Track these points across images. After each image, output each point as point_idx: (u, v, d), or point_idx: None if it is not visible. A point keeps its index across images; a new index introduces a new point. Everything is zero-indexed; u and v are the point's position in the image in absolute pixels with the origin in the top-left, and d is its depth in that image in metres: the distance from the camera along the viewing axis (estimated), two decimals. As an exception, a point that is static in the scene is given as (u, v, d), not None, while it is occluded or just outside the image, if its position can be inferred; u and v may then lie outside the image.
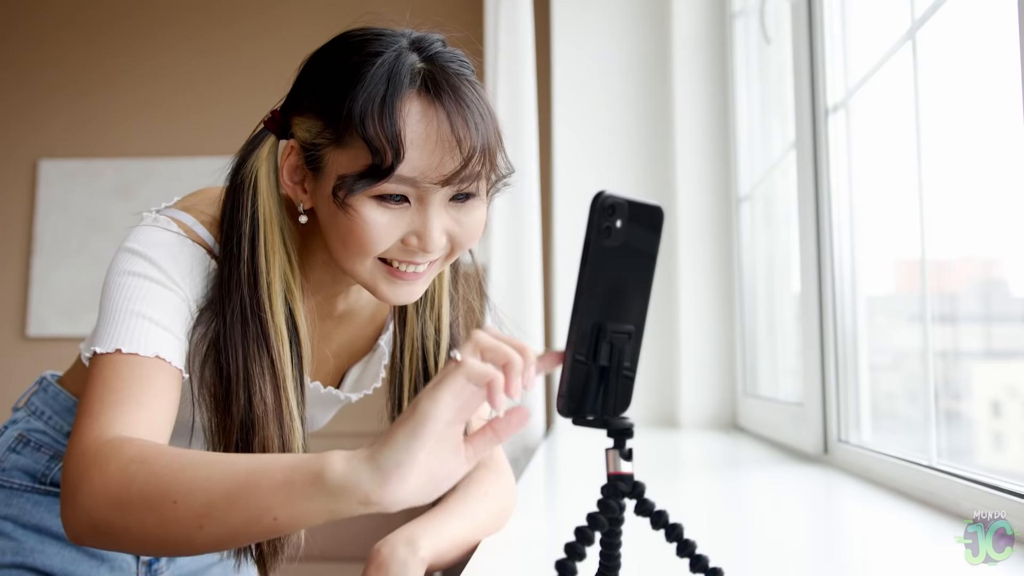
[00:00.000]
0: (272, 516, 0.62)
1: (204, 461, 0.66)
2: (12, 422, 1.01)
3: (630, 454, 0.60)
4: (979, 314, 1.51)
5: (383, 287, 0.84)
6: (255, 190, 0.85)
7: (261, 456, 0.66)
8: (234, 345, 0.82)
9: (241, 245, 0.83)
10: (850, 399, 1.55)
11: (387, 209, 0.79)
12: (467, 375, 0.58)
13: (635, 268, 0.59)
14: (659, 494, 0.63)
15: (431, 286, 0.95)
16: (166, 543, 0.67)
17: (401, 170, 0.77)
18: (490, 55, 2.45)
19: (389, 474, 0.58)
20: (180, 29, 3.72)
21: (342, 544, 2.35)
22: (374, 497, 0.59)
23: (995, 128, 1.28)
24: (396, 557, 0.77)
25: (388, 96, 0.77)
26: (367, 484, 0.59)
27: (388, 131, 0.76)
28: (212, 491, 0.63)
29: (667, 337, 2.50)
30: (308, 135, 0.82)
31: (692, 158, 2.46)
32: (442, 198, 0.81)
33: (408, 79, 0.78)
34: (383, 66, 0.78)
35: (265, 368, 0.82)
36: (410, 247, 0.81)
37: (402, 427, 0.59)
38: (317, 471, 0.60)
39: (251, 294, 0.83)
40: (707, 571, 0.59)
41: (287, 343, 0.84)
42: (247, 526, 0.63)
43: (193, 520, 0.64)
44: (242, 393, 0.81)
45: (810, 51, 1.67)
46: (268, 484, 0.62)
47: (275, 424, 0.82)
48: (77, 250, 3.60)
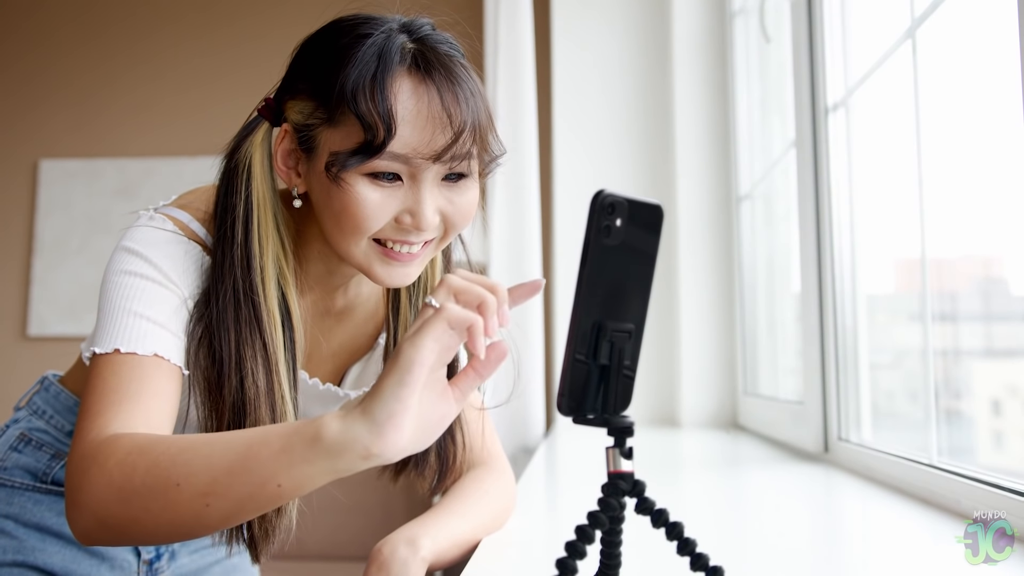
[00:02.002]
0: (276, 483, 0.62)
1: (202, 441, 0.67)
2: (14, 421, 1.01)
3: (630, 453, 0.60)
4: (979, 313, 1.51)
5: (377, 269, 0.84)
6: (249, 174, 0.85)
7: (256, 429, 0.67)
8: (227, 327, 0.82)
9: (235, 227, 0.84)
10: (850, 398, 1.55)
11: (380, 187, 0.80)
12: (447, 320, 0.60)
13: (635, 267, 0.59)
14: (659, 493, 0.63)
15: (425, 275, 0.95)
16: (175, 527, 0.67)
17: (393, 146, 0.78)
18: (490, 55, 2.45)
19: (384, 425, 0.59)
20: (181, 28, 3.72)
21: (342, 544, 2.36)
22: (375, 449, 0.60)
23: (995, 127, 1.28)
24: (397, 556, 0.77)
25: (379, 73, 0.78)
26: (365, 438, 0.59)
27: (380, 107, 0.77)
28: (213, 468, 0.64)
29: (667, 336, 2.50)
30: (301, 116, 0.83)
31: (692, 157, 2.46)
32: (434, 177, 0.81)
33: (398, 57, 0.79)
34: (373, 46, 0.79)
35: (257, 351, 0.83)
36: (403, 226, 0.81)
37: (388, 377, 0.60)
38: (313, 433, 0.61)
39: (244, 276, 0.83)
40: (707, 570, 0.59)
41: (279, 326, 0.85)
42: (252, 497, 0.64)
43: (199, 499, 0.64)
44: (234, 375, 0.82)
45: (810, 50, 1.67)
46: (268, 453, 0.63)
47: (267, 407, 0.83)
48: (78, 250, 3.60)
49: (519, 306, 0.67)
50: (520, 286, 0.65)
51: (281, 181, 0.88)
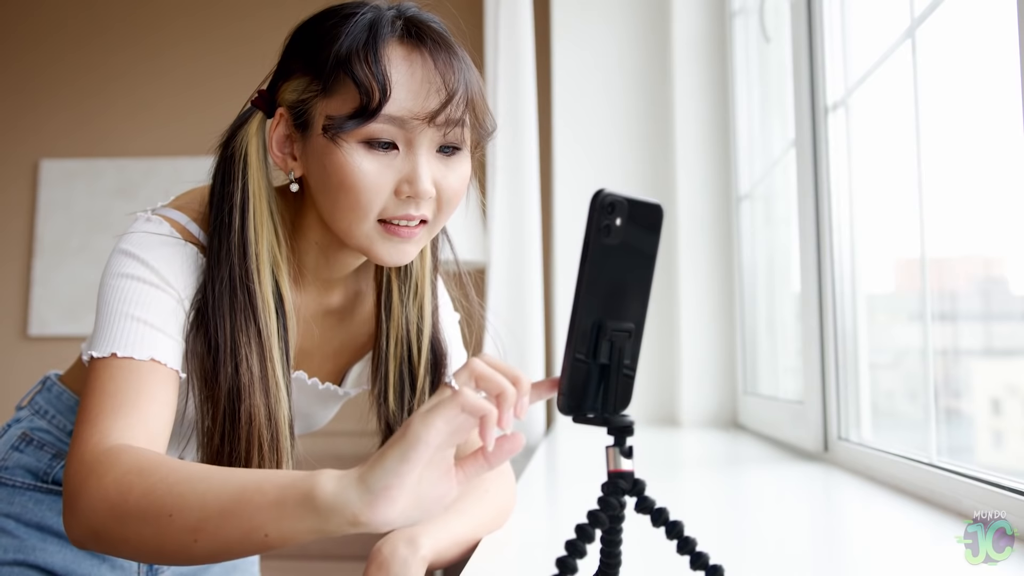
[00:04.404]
0: (263, 533, 0.62)
1: (199, 475, 0.67)
2: (16, 421, 1.01)
3: (630, 452, 0.60)
4: (979, 312, 1.51)
5: (379, 247, 0.84)
6: (245, 163, 0.86)
7: (255, 472, 0.66)
8: (222, 315, 0.82)
9: (232, 215, 0.84)
10: (850, 397, 1.55)
11: (376, 156, 0.81)
12: (461, 405, 0.58)
13: (635, 266, 0.59)
14: (659, 492, 0.63)
15: (415, 272, 0.96)
16: (163, 554, 0.67)
17: (388, 108, 0.79)
18: (490, 55, 2.45)
19: (378, 496, 0.58)
20: (181, 28, 3.72)
21: (342, 543, 2.36)
22: (363, 518, 0.59)
23: (995, 126, 1.28)
24: (397, 556, 0.77)
25: (371, 40, 0.80)
26: (355, 505, 0.59)
27: (374, 69, 0.79)
28: (207, 506, 0.64)
29: (667, 335, 2.50)
30: (295, 94, 0.84)
31: (692, 156, 2.46)
32: (429, 145, 0.82)
33: (389, 28, 0.82)
34: (363, 19, 0.82)
35: (252, 338, 0.83)
36: (403, 196, 0.82)
37: (393, 449, 0.59)
38: (308, 490, 0.61)
39: (240, 263, 0.84)
40: (707, 568, 0.59)
41: (273, 314, 0.85)
42: (239, 542, 0.64)
43: (188, 534, 0.64)
44: (229, 362, 0.82)
45: (810, 49, 1.67)
46: (261, 501, 0.62)
47: (261, 393, 0.83)
48: (78, 250, 3.60)
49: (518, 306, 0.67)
50: (543, 383, 0.63)
51: (277, 174, 0.89)
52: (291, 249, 0.90)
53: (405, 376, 0.96)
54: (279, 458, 0.85)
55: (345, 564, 2.39)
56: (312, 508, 0.60)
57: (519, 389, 0.61)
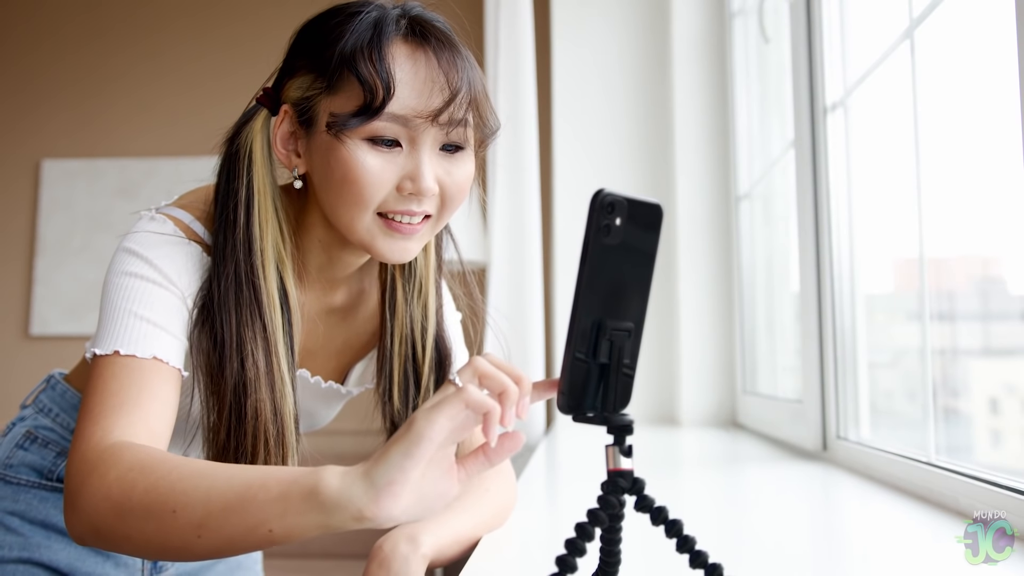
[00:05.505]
0: (267, 528, 0.62)
1: (203, 472, 0.67)
2: (20, 419, 1.02)
3: (630, 450, 0.61)
4: (977, 312, 1.51)
5: (380, 243, 0.85)
6: (250, 160, 0.87)
7: (258, 468, 0.66)
8: (228, 310, 0.83)
9: (237, 211, 0.85)
10: (849, 396, 1.56)
11: (380, 153, 0.81)
12: (465, 402, 0.59)
13: (634, 266, 0.59)
14: (659, 490, 0.64)
15: (419, 270, 0.97)
16: (165, 550, 0.67)
17: (392, 107, 0.80)
18: (490, 55, 2.45)
19: (381, 490, 0.59)
20: (181, 29, 3.73)
21: (343, 541, 2.36)
22: (367, 513, 0.59)
23: (993, 126, 1.28)
24: (398, 553, 0.77)
25: (376, 38, 0.81)
26: (360, 500, 0.59)
27: (379, 67, 0.79)
28: (210, 503, 0.64)
29: (667, 335, 2.50)
30: (300, 92, 0.84)
31: (691, 157, 2.46)
32: (432, 143, 0.83)
33: (393, 26, 0.82)
34: (368, 18, 0.82)
35: (257, 332, 0.84)
36: (405, 192, 0.83)
37: (397, 445, 0.59)
38: (312, 485, 0.61)
39: (246, 259, 0.84)
40: (706, 567, 0.60)
41: (279, 310, 0.86)
42: (243, 538, 0.64)
43: (192, 530, 0.64)
44: (235, 357, 0.82)
45: (809, 50, 1.67)
46: (265, 497, 0.63)
47: (267, 388, 0.83)
48: (80, 249, 3.60)
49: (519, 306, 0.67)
50: (543, 383, 0.64)
51: (281, 173, 0.89)
52: (295, 246, 0.90)
53: (409, 374, 0.97)
54: (285, 453, 0.85)
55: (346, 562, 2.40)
56: (317, 503, 0.61)
57: (521, 388, 0.62)
